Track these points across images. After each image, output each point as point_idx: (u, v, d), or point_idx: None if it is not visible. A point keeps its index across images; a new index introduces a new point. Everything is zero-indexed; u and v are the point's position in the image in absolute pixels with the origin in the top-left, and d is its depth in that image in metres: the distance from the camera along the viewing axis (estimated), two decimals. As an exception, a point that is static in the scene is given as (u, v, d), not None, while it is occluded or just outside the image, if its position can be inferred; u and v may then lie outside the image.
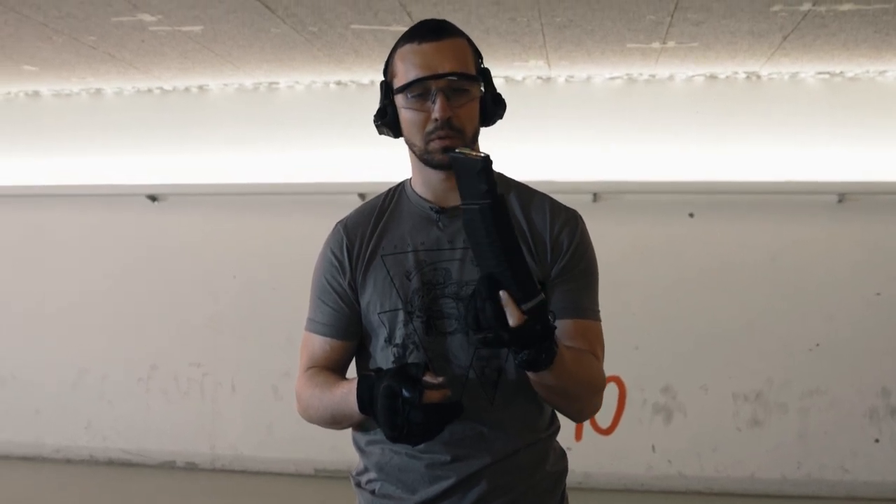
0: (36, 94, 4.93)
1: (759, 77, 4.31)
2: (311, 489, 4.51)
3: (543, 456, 1.68)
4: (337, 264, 1.69)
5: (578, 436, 4.43)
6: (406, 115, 1.59)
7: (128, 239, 4.88)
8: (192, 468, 4.80)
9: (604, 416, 4.46)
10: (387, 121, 1.64)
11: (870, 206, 4.29)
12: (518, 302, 1.34)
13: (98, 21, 3.47)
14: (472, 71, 1.58)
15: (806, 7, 3.12)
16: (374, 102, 5.03)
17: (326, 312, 1.69)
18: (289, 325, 4.62)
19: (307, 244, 4.73)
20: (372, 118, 1.69)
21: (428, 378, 1.42)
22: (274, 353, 4.67)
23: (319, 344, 1.71)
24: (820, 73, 4.23)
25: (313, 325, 1.72)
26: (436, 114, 1.54)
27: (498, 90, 1.66)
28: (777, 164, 4.32)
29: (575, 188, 4.35)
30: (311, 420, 1.71)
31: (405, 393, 1.40)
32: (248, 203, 4.75)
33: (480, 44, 3.66)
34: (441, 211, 1.66)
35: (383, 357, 1.65)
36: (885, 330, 4.29)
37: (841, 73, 4.21)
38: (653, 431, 4.44)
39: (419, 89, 1.55)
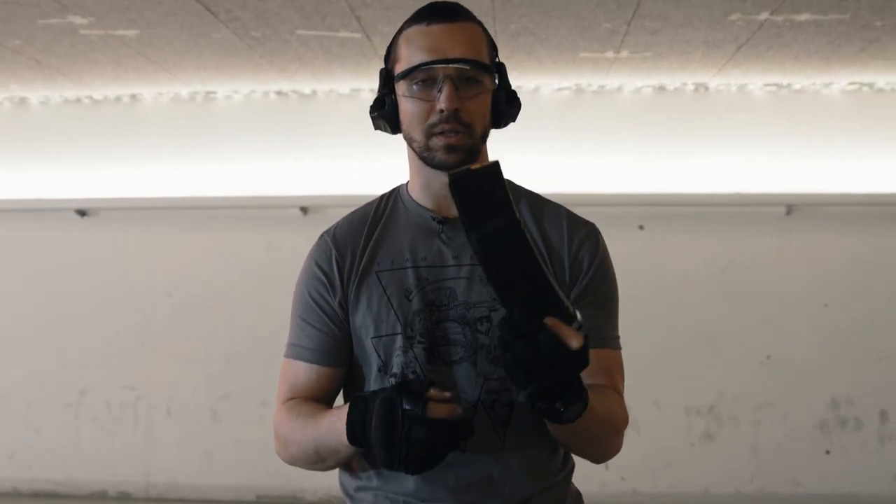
0: (-47, 103, 4.64)
1: (707, 88, 4.30)
2: (254, 517, 4.31)
3: (559, 501, 1.50)
4: (325, 280, 1.47)
5: (531, 455, 4.31)
6: (407, 104, 1.39)
7: (55, 256, 4.61)
8: (124, 498, 4.53)
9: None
10: (384, 112, 1.44)
11: (817, 218, 4.30)
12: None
13: (24, 23, 3.25)
14: (487, 60, 1.40)
15: (764, 16, 3.09)
16: (316, 113, 4.87)
17: (312, 335, 1.47)
18: (227, 345, 4.46)
19: (246, 260, 4.57)
20: (316, 129, 1.52)
21: (434, 393, 1.22)
22: (212, 375, 4.47)
23: (304, 372, 1.48)
24: (767, 84, 4.23)
25: (296, 351, 1.49)
26: (441, 104, 1.34)
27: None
28: (725, 176, 4.30)
29: (524, 201, 4.26)
30: (292, 460, 1.47)
31: (406, 405, 1.19)
32: (183, 218, 4.53)
33: (430, 52, 3.56)
34: (444, 221, 1.46)
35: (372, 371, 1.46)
36: (834, 341, 4.29)
37: (788, 85, 4.22)
38: (606, 448, 4.35)
39: (424, 75, 1.36)
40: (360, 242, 1.48)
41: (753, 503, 4.28)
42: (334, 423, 1.33)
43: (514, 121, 1.49)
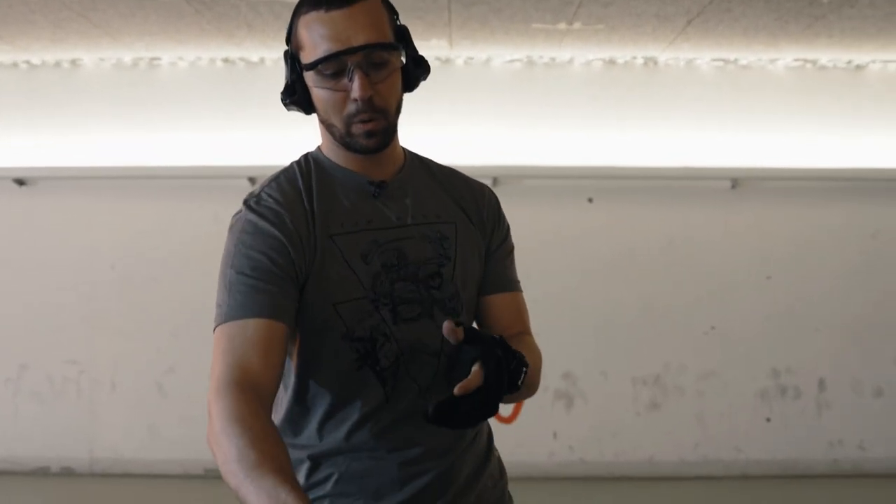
0: None
1: (656, 63, 4.33)
2: (201, 491, 4.24)
3: (489, 438, 1.65)
4: (284, 239, 1.37)
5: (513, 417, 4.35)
6: (320, 94, 1.40)
7: (-8, 226, 4.47)
8: (68, 473, 4.45)
9: (504, 405, 4.39)
10: (296, 99, 1.44)
11: (761, 192, 4.40)
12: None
13: (-42, -17, 3.13)
14: (390, 37, 1.39)
15: (715, -11, 3.13)
16: (264, 81, 4.82)
17: (267, 292, 1.33)
18: (173, 318, 4.39)
19: (192, 231, 4.49)
20: (263, 97, 1.51)
21: None
22: (157, 349, 4.40)
23: (255, 330, 1.30)
24: (715, 59, 4.29)
25: (241, 311, 1.32)
26: (355, 93, 1.35)
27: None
28: (673, 150, 4.36)
29: (474, 172, 4.16)
30: (215, 459, 1.23)
31: None
32: (126, 188, 4.43)
33: (382, 20, 3.52)
34: (379, 185, 1.48)
35: (343, 356, 1.42)
36: (776, 313, 4.40)
37: (735, 60, 4.28)
38: (554, 418, 4.41)
39: (332, 66, 1.36)
40: (304, 206, 1.43)
41: (697, 470, 4.38)
42: (260, 501, 1.12)
43: (424, 80, 1.50)
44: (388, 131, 1.43)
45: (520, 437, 4.38)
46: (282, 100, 1.46)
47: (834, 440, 4.41)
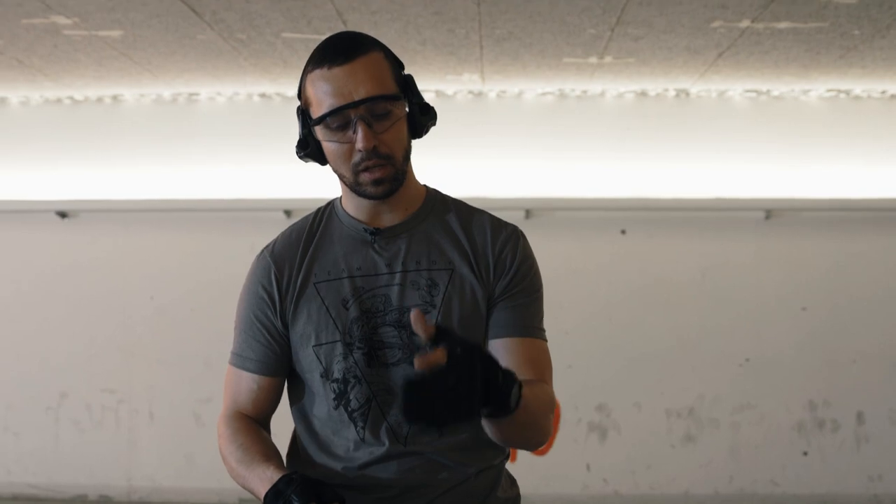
0: (-68, 103, 4.60)
1: (688, 94, 4.35)
2: (236, 520, 4.30)
3: (495, 482, 1.62)
4: (266, 297, 1.58)
5: (513, 457, 4.34)
6: (329, 147, 1.49)
7: (35, 258, 4.57)
8: (106, 501, 4.51)
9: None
10: (309, 151, 1.54)
11: (795, 223, 4.37)
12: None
13: (6, 23, 3.24)
14: (392, 89, 1.47)
15: (745, 24, 3.14)
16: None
17: (255, 348, 1.59)
18: (209, 349, 4.44)
19: (229, 263, 4.54)
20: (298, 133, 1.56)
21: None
22: (194, 379, 4.46)
23: (246, 382, 1.60)
24: (747, 91, 4.29)
25: (239, 361, 1.61)
26: (359, 144, 1.44)
27: (425, 99, 1.55)
28: (705, 181, 4.36)
29: (507, 205, 4.30)
30: (227, 470, 1.58)
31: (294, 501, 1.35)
32: (165, 220, 4.53)
33: (415, 56, 3.59)
34: (376, 232, 1.57)
35: (323, 395, 1.56)
36: (812, 344, 4.36)
37: (767, 91, 4.28)
38: (588, 450, 4.39)
39: (337, 120, 1.44)
40: (297, 256, 1.58)
41: (733, 503, 4.34)
42: (258, 484, 1.45)
43: (433, 126, 1.57)
44: (397, 177, 1.50)
45: (553, 468, 4.37)
46: (297, 153, 1.56)
47: (874, 474, 4.33)
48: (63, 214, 4.54)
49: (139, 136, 4.53)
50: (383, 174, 1.47)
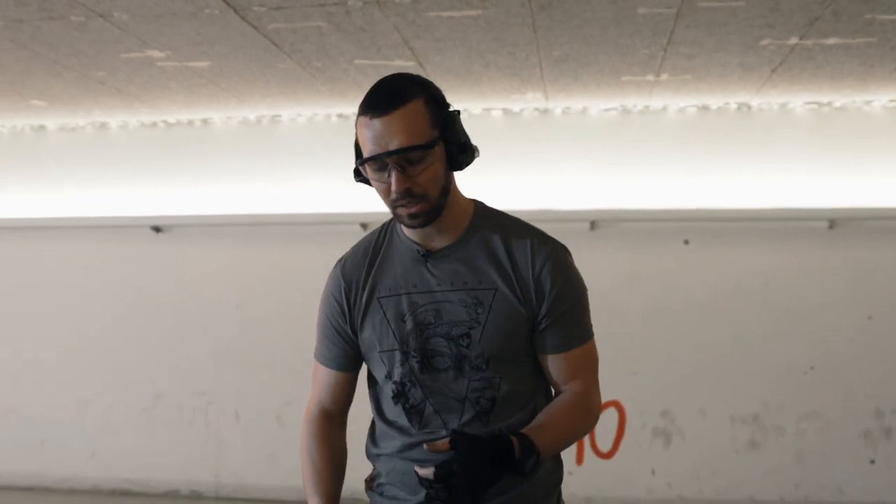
0: (41, 127, 5.02)
1: (749, 107, 4.43)
2: (315, 516, 4.54)
3: (540, 481, 1.80)
4: (338, 307, 1.83)
5: (580, 460, 4.49)
6: (373, 183, 1.69)
7: (132, 269, 4.95)
8: (196, 497, 4.83)
9: (604, 441, 4.53)
10: (362, 179, 1.74)
11: (859, 232, 4.39)
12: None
13: (107, 57, 3.57)
14: (425, 137, 1.61)
15: (793, 41, 3.24)
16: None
17: (330, 347, 1.86)
18: (292, 354, 4.70)
19: (309, 273, 4.82)
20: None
21: None
22: (277, 382, 4.74)
23: (325, 375, 1.89)
24: (808, 103, 4.35)
25: (319, 357, 1.90)
26: (393, 187, 1.62)
27: (465, 135, 1.70)
28: (768, 192, 4.42)
29: (572, 217, 4.46)
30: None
31: None
32: (250, 233, 4.83)
33: (480, 77, 3.80)
34: (428, 254, 1.76)
35: (386, 390, 1.81)
36: (877, 352, 4.37)
37: (829, 103, 4.34)
38: (652, 455, 4.50)
39: (376, 164, 1.63)
40: (363, 274, 1.81)
41: (798, 510, 4.38)
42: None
43: (473, 160, 1.72)
44: (432, 211, 1.68)
45: (619, 473, 4.50)
46: (354, 178, 1.77)
47: (942, 483, 4.33)
48: (157, 229, 4.89)
49: (227, 155, 4.86)
50: (418, 210, 1.65)
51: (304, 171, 4.78)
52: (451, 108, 1.69)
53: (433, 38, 3.28)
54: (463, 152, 1.69)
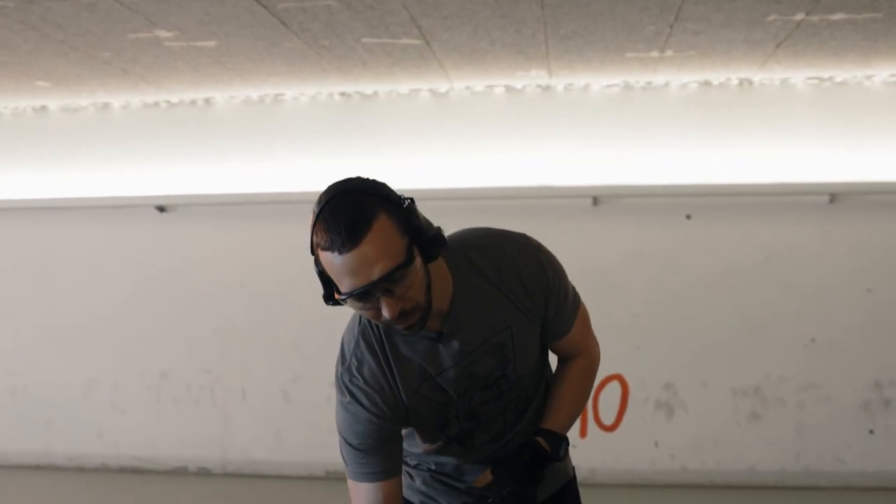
0: (43, 108, 5.01)
1: (751, 83, 4.46)
2: (324, 490, 4.61)
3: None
4: (381, 422, 1.69)
5: (583, 433, 4.55)
6: (356, 309, 1.58)
7: (137, 249, 4.97)
8: (203, 473, 4.88)
9: (607, 414, 4.59)
10: (336, 303, 1.56)
11: (860, 206, 4.44)
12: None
13: (115, 37, 3.57)
14: (403, 254, 1.48)
15: (799, 17, 3.27)
16: (377, 112, 5.20)
17: (377, 462, 1.71)
18: (297, 331, 4.76)
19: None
20: (377, 127, 1.81)
21: None
22: (283, 359, 4.79)
23: (373, 492, 1.71)
24: (810, 78, 4.38)
25: (367, 477, 1.71)
26: (385, 315, 1.51)
27: (428, 223, 1.57)
28: (770, 167, 4.46)
29: (574, 192, 4.50)
30: None
31: None
32: (254, 212, 4.85)
33: (485, 55, 3.83)
34: (437, 337, 1.69)
35: (431, 436, 1.86)
36: (877, 325, 4.44)
37: (830, 78, 4.37)
38: (655, 427, 4.57)
39: (359, 296, 1.49)
40: (389, 380, 1.69)
41: (799, 480, 4.46)
42: None
43: (444, 245, 1.58)
44: (425, 315, 1.58)
45: (622, 445, 4.57)
46: (325, 301, 1.56)
47: (940, 452, 4.41)
48: (161, 208, 4.90)
49: (230, 134, 4.86)
50: (414, 321, 1.55)
51: (307, 150, 4.80)
52: (405, 200, 1.53)
53: (441, 15, 3.30)
54: (435, 245, 1.55)
